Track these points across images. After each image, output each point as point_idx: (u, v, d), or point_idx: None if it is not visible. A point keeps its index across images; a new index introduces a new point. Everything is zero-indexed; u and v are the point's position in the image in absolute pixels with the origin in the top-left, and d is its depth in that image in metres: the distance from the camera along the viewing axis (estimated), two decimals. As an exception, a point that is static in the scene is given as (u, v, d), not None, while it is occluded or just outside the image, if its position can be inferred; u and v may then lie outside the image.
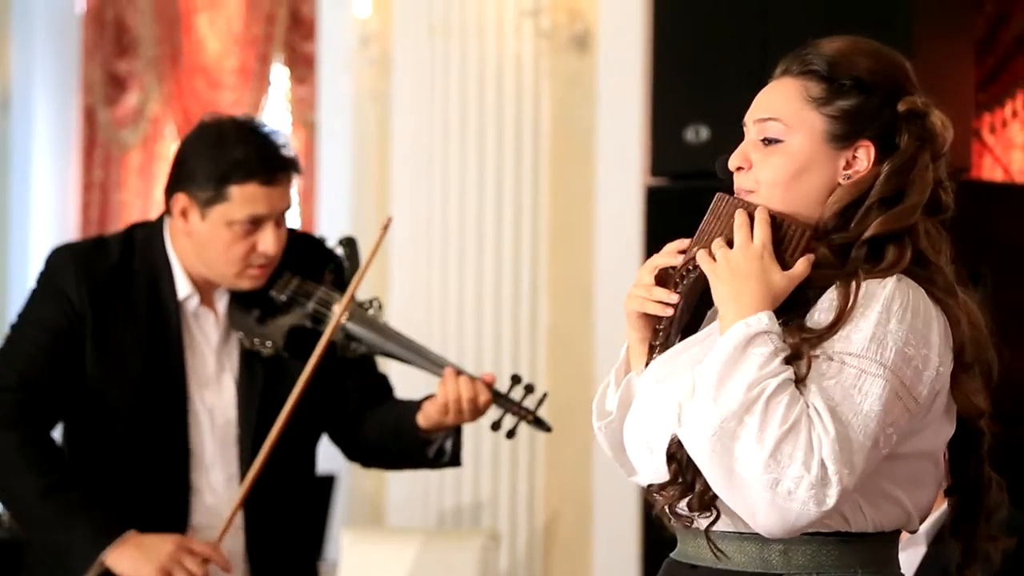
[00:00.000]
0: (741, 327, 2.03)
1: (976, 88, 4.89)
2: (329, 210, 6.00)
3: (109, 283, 3.17)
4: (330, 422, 3.35)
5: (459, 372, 3.19)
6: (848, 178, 2.14)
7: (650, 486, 2.14)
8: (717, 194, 2.19)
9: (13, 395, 3.14)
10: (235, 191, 3.12)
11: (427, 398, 3.23)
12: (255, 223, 3.14)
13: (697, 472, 2.05)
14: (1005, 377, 4.92)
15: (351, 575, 4.14)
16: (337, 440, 3.40)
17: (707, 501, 2.07)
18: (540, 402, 3.26)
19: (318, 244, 3.39)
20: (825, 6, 4.50)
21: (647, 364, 2.20)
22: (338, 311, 3.17)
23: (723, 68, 4.68)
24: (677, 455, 2.07)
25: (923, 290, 2.10)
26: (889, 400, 2.02)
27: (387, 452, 3.34)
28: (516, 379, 3.24)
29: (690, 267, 2.16)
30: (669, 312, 2.18)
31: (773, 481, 1.96)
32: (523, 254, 5.39)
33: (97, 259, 3.20)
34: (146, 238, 3.24)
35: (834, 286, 2.09)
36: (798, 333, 2.05)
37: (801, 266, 2.09)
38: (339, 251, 3.35)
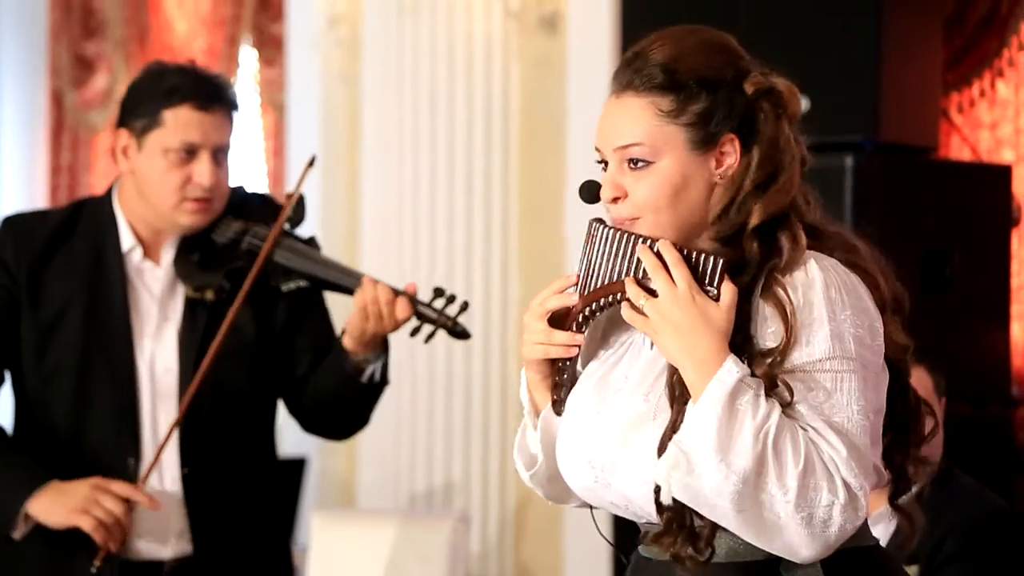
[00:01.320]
0: (718, 387, 1.99)
1: (944, 68, 4.90)
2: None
3: (48, 246, 3.22)
4: (283, 388, 3.34)
5: (378, 282, 3.20)
6: (722, 176, 2.12)
7: (645, 534, 2.12)
8: (594, 221, 2.16)
9: None
10: (168, 115, 3.17)
11: None
12: (190, 152, 3.18)
13: (695, 514, 2.04)
14: (974, 358, 4.95)
15: (321, 558, 4.12)
16: (292, 407, 3.39)
17: (708, 538, 2.06)
18: (461, 310, 3.25)
19: (264, 197, 3.43)
20: (794, -14, 4.50)
21: (560, 400, 2.20)
22: (269, 238, 3.20)
23: (692, 49, 4.67)
24: (667, 505, 2.04)
25: (834, 260, 2.10)
26: (865, 388, 2.04)
27: (329, 401, 3.32)
28: (439, 292, 3.25)
29: (594, 309, 2.13)
30: (574, 352, 2.17)
31: (807, 517, 1.97)
32: (493, 236, 5.39)
33: (37, 225, 3.27)
34: (95, 204, 3.31)
35: (757, 296, 2.07)
36: (763, 362, 2.03)
37: (728, 295, 2.04)
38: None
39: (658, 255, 2.07)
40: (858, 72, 4.33)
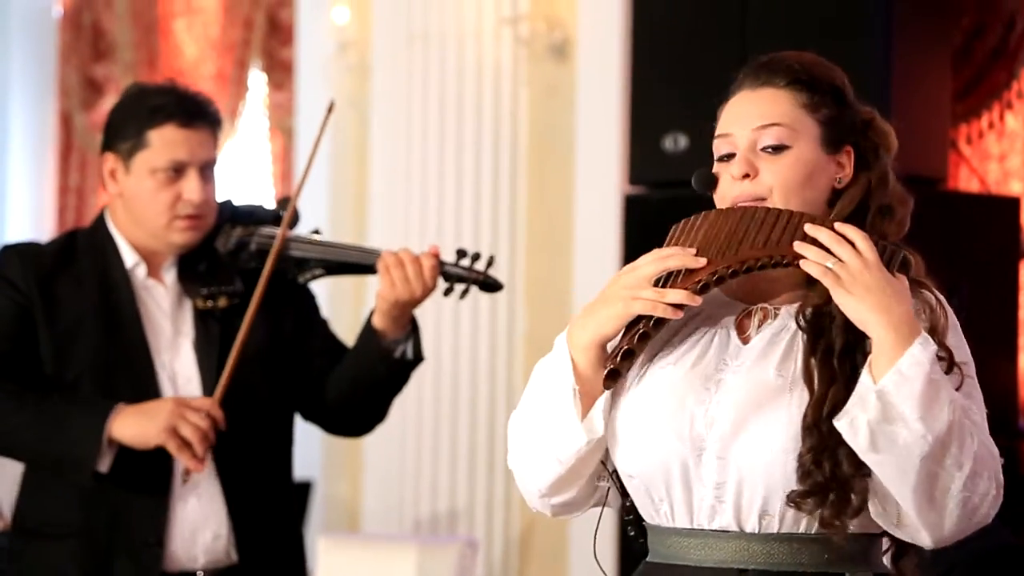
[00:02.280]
0: (920, 350, 2.03)
1: (953, 99, 4.91)
2: (306, 217, 5.99)
3: (54, 267, 3.22)
4: (299, 392, 3.34)
5: None
6: (840, 182, 2.22)
7: (791, 492, 2.10)
8: (714, 210, 2.18)
9: None
10: (153, 136, 3.19)
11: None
12: (177, 170, 3.19)
13: (839, 484, 2.07)
14: (981, 389, 4.92)
15: (327, 583, 4.13)
16: (309, 410, 3.39)
17: (857, 509, 2.09)
18: (489, 264, 3.25)
19: (255, 205, 3.43)
20: (803, 17, 4.52)
21: (619, 369, 2.14)
22: (280, 231, 3.22)
23: (702, 77, 4.68)
24: (813, 470, 2.07)
25: None
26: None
27: (360, 385, 3.31)
28: (462, 252, 3.26)
29: (735, 271, 2.11)
30: (679, 315, 2.12)
31: (967, 499, 2.04)
32: (501, 262, 5.39)
33: (40, 250, 3.29)
34: (88, 231, 3.31)
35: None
36: (942, 348, 2.10)
37: (905, 282, 2.12)
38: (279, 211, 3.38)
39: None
40: (866, 103, 4.34)
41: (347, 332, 3.53)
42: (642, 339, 2.12)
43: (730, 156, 2.23)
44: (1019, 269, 4.80)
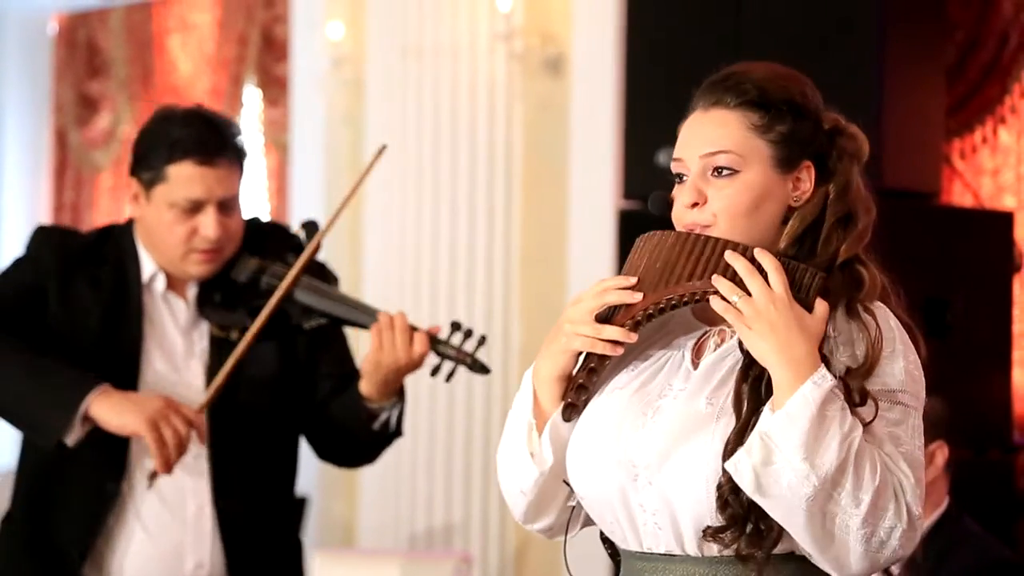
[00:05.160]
0: (813, 388, 2.01)
1: (946, 114, 4.92)
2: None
3: (81, 257, 3.21)
4: (303, 412, 3.33)
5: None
6: (797, 200, 2.17)
7: (706, 529, 2.10)
8: (653, 233, 2.17)
9: None
10: (172, 171, 3.15)
11: None
12: (195, 206, 3.16)
13: (757, 515, 2.05)
14: (975, 404, 4.95)
15: (322, 598, 4.12)
16: (308, 433, 3.38)
17: (775, 540, 2.08)
18: (479, 345, 3.23)
19: (279, 228, 3.41)
20: (796, 32, 4.53)
21: (575, 405, 2.18)
22: (288, 276, 3.18)
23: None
24: (731, 500, 2.05)
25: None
26: (921, 431, 2.11)
27: (340, 436, 3.31)
28: (456, 326, 3.23)
29: (662, 307, 2.13)
30: (619, 351, 2.16)
31: (869, 535, 2.01)
32: (495, 277, 5.40)
33: (73, 239, 3.27)
34: (120, 231, 3.29)
35: (841, 319, 2.10)
36: (858, 377, 2.06)
37: (821, 307, 2.09)
38: (301, 234, 3.34)
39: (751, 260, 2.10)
40: (860, 117, 4.34)
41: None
42: (591, 373, 2.18)
43: (683, 178, 2.21)
44: (1013, 283, 4.80)
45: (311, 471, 5.65)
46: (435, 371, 3.25)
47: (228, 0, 6.91)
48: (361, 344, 3.45)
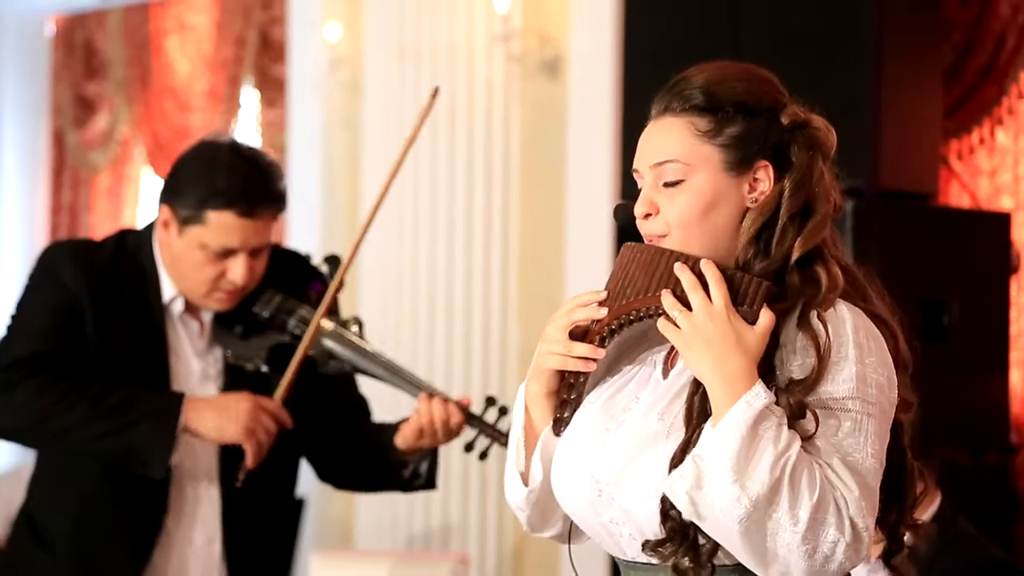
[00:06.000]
0: (744, 408, 1.99)
1: (944, 115, 4.93)
2: (299, 234, 6.00)
3: (106, 277, 3.17)
4: (308, 440, 3.33)
5: (433, 394, 3.19)
6: (755, 201, 2.14)
7: (646, 542, 2.10)
8: (628, 244, 2.17)
9: (24, 365, 3.10)
10: (212, 217, 3.11)
11: (404, 421, 3.23)
12: (228, 253, 3.13)
13: (698, 530, 2.04)
14: (972, 405, 4.94)
15: (320, 599, 4.12)
16: (312, 459, 3.40)
17: (710, 554, 2.06)
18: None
19: (303, 261, 3.38)
20: (794, 36, 4.53)
21: (562, 419, 2.20)
22: (314, 322, 3.17)
23: (693, 94, 4.70)
24: (672, 514, 2.05)
25: (859, 309, 2.11)
26: (880, 434, 2.06)
27: (362, 473, 3.34)
28: (491, 401, 3.24)
29: (622, 323, 2.13)
30: (591, 367, 2.16)
31: (811, 551, 1.98)
32: (493, 278, 5.40)
33: (94, 252, 3.21)
34: (136, 243, 3.24)
35: (793, 327, 2.07)
36: (789, 393, 2.03)
37: (766, 319, 2.06)
38: (324, 268, 3.34)
39: (697, 274, 2.08)
40: (858, 119, 4.35)
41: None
42: (571, 388, 2.20)
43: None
44: (1010, 285, 4.80)
45: (309, 472, 5.66)
46: (469, 447, 3.28)
47: (226, 1, 6.91)
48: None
